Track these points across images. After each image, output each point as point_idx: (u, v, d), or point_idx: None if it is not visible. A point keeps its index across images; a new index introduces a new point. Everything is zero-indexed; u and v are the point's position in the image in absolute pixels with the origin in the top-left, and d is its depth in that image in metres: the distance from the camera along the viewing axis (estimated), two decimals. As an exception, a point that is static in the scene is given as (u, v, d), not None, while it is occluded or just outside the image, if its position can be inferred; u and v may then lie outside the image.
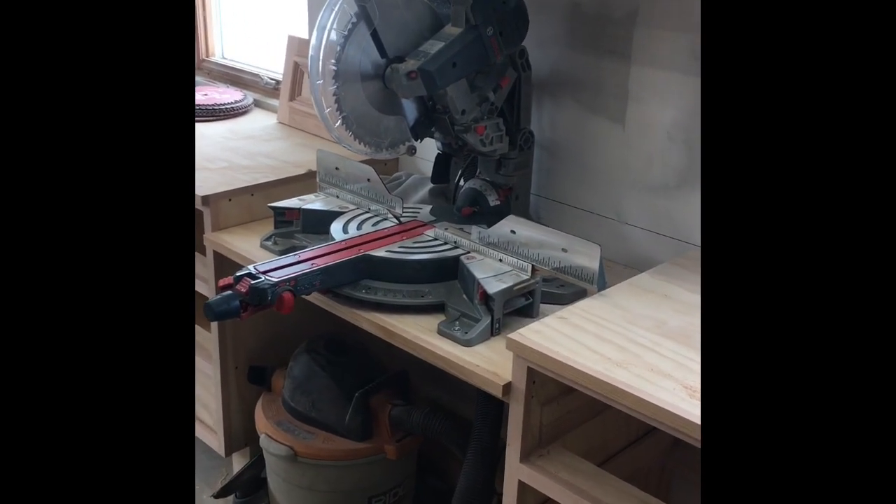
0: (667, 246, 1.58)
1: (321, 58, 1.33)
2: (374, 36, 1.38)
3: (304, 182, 1.80)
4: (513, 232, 1.40)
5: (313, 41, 1.34)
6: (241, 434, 1.91)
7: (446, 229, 1.53)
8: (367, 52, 1.38)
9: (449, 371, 1.31)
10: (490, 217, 1.63)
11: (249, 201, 1.75)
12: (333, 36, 1.35)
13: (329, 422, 1.72)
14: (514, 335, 1.19)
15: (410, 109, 1.49)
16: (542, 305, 1.42)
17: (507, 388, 1.23)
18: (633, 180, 1.60)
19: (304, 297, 1.39)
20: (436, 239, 1.52)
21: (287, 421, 1.75)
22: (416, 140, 1.52)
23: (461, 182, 1.71)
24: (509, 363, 1.22)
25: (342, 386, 1.71)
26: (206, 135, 2.08)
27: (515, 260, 1.40)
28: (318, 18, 1.35)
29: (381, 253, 1.44)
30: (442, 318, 1.38)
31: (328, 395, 1.72)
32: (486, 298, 1.33)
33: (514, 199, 1.68)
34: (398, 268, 1.43)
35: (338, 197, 1.70)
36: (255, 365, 1.85)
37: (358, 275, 1.43)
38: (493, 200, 1.65)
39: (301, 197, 1.71)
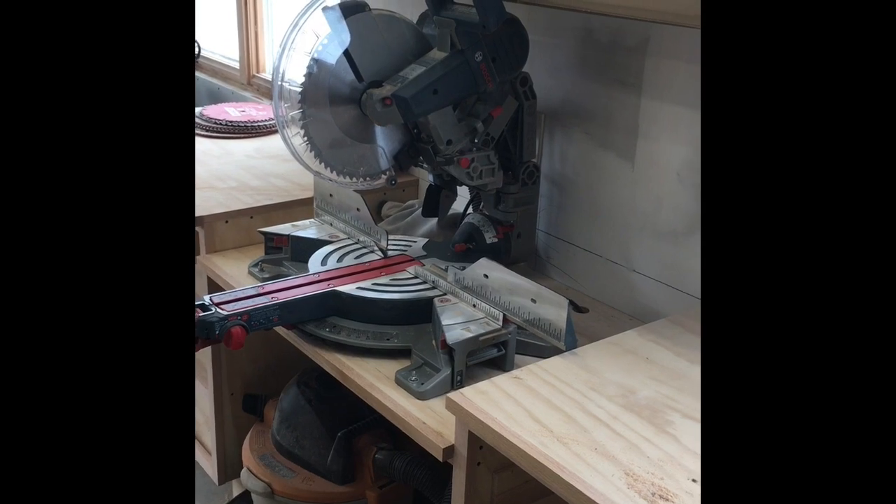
0: (674, 298, 1.42)
1: (282, 80, 1.25)
2: (348, 58, 1.29)
3: (308, 206, 1.73)
4: (485, 276, 1.28)
5: (276, 60, 1.27)
6: (236, 463, 1.85)
7: (429, 266, 1.42)
8: (339, 74, 1.29)
9: (396, 424, 1.20)
10: (485, 256, 1.51)
11: (248, 224, 1.69)
12: (299, 56, 1.27)
13: (311, 461, 1.63)
14: (454, 395, 1.07)
15: (394, 137, 1.39)
16: (522, 356, 1.29)
17: (450, 451, 1.11)
18: (641, 224, 1.45)
19: (273, 329, 1.32)
20: (415, 277, 1.41)
21: (271, 455, 1.68)
22: (401, 170, 1.42)
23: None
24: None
25: (327, 424, 1.62)
26: (231, 151, 2.05)
27: (488, 307, 1.28)
28: (284, 36, 1.27)
29: (349, 289, 1.35)
30: (408, 363, 1.28)
31: (312, 433, 1.63)
32: (448, 348, 1.21)
33: (516, 238, 1.56)
34: (366, 307, 1.33)
35: (331, 225, 1.62)
36: (250, 393, 1.79)
37: (325, 311, 1.34)
38: (490, 237, 1.53)
39: (296, 223, 1.63)
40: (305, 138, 1.30)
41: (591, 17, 1.44)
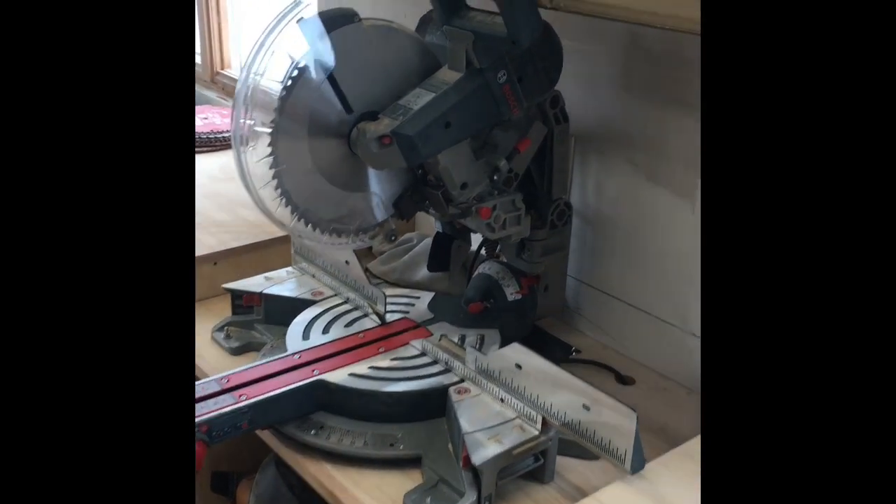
0: (747, 374, 1.13)
1: (245, 116, 0.94)
2: (333, 84, 0.98)
3: (286, 245, 1.42)
4: (518, 367, 0.99)
5: (239, 86, 0.95)
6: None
7: (441, 339, 1.13)
8: (321, 102, 0.98)
9: (408, 575, 0.91)
10: (507, 316, 1.22)
11: (211, 273, 1.38)
12: (267, 83, 0.96)
13: (295, 561, 1.34)
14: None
15: (393, 179, 1.09)
16: (564, 459, 1.00)
17: None
18: (703, 279, 1.16)
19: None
20: (423, 354, 1.12)
21: (247, 551, 1.39)
22: (403, 219, 1.12)
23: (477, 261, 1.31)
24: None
25: (315, 516, 1.33)
26: (192, 172, 1.73)
27: (522, 405, 0.99)
28: (247, 56, 0.96)
29: (340, 378, 1.05)
30: (417, 474, 0.99)
31: (296, 527, 1.34)
32: (473, 467, 0.92)
33: (543, 291, 1.26)
34: (362, 401, 1.04)
35: (314, 276, 1.32)
36: (219, 471, 1.49)
37: (309, 406, 1.05)
38: (511, 293, 1.23)
39: (269, 274, 1.33)
40: (278, 189, 0.99)
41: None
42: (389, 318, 1.21)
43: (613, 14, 0.85)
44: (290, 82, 0.95)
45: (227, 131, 1.88)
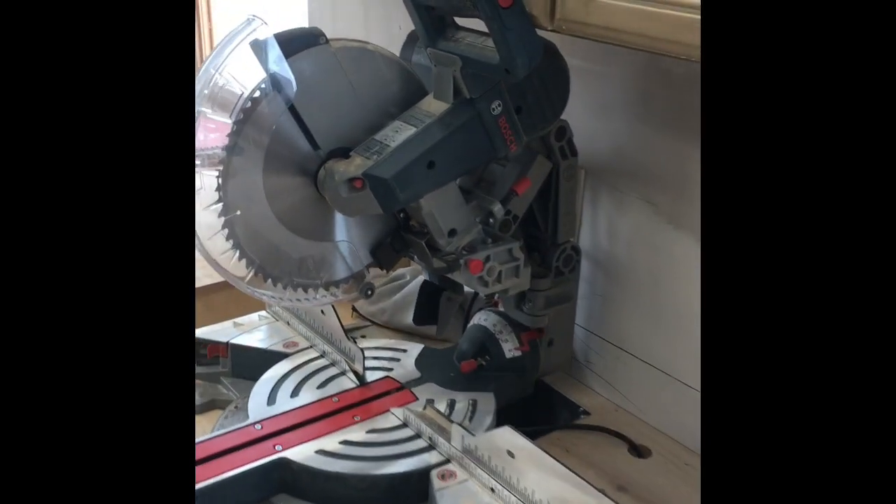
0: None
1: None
2: (295, 116, 0.83)
3: (262, 283, 1.28)
4: (510, 454, 0.84)
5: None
6: None
7: (426, 407, 0.98)
8: (279, 140, 0.83)
9: None
10: (504, 376, 1.07)
11: (176, 315, 1.24)
12: (217, 116, 0.81)
13: None
14: None
15: (370, 225, 0.94)
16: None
17: None
18: (731, 339, 1.00)
19: None
20: (405, 426, 0.96)
21: None
22: (383, 269, 0.96)
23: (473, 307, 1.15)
24: None
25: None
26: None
27: (515, 499, 0.83)
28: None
29: (305, 455, 0.90)
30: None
31: None
32: (455, 577, 0.77)
33: (547, 346, 1.11)
34: (329, 485, 0.89)
35: (288, 324, 1.17)
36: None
37: (269, 489, 0.90)
38: (510, 349, 1.08)
39: (239, 320, 1.18)
40: (230, 239, 0.84)
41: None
42: (370, 375, 1.06)
43: (626, 41, 0.69)
44: (241, 116, 0.80)
45: (212, 148, 1.73)
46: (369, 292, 0.94)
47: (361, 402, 1.00)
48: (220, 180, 0.81)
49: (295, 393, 1.02)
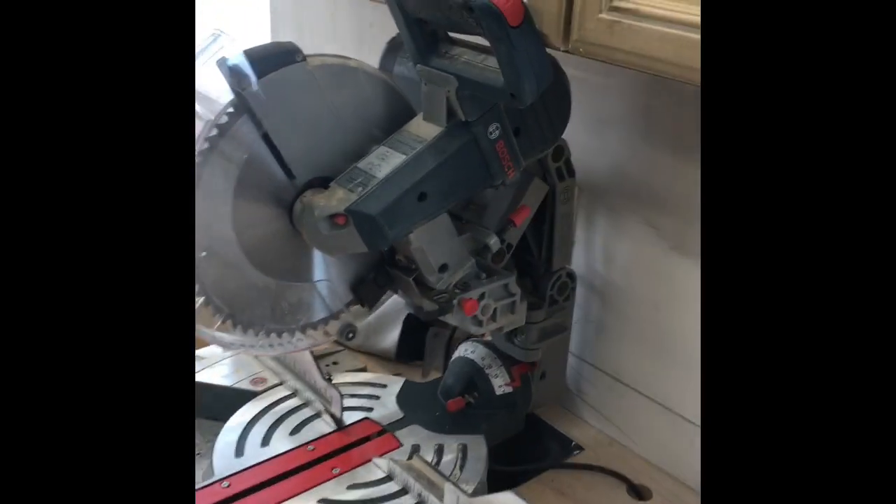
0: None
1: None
2: (267, 143, 0.72)
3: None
4: (514, 522, 0.75)
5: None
6: None
7: (412, 457, 0.89)
8: (249, 169, 0.73)
9: None
10: (494, 416, 0.98)
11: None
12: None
13: None
14: None
15: (350, 260, 0.84)
16: None
17: None
18: (741, 376, 0.92)
19: None
20: (389, 478, 0.87)
21: None
22: (365, 306, 0.86)
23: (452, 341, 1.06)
24: None
25: None
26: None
27: (518, 569, 0.75)
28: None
29: (281, 521, 0.81)
30: None
31: None
32: None
33: (539, 380, 1.03)
34: (309, 553, 0.80)
35: (257, 358, 1.07)
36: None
37: (240, 556, 0.81)
38: (500, 385, 0.99)
39: (201, 352, 1.08)
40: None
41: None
42: (348, 416, 0.96)
43: (658, 70, 0.60)
44: (206, 145, 0.69)
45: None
46: (350, 335, 0.84)
47: (340, 451, 0.91)
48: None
49: (265, 441, 0.92)
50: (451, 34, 0.76)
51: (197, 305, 0.74)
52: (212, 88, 0.71)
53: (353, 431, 0.94)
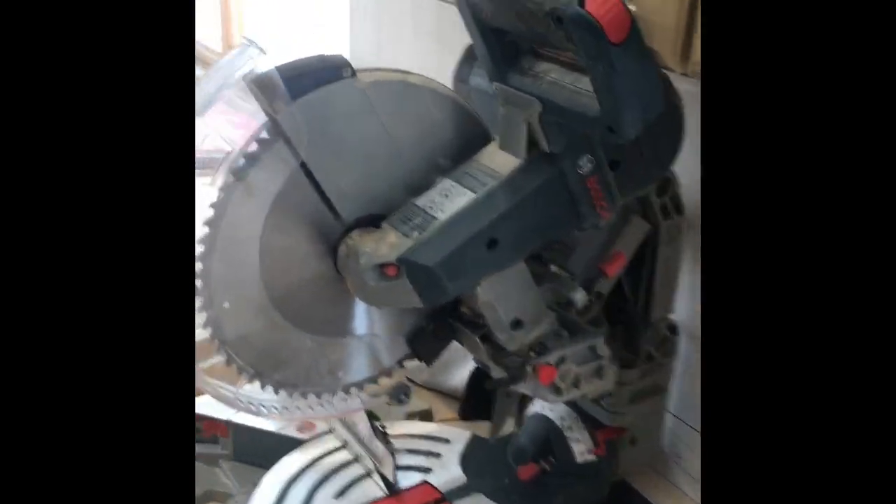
0: None
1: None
2: (307, 174, 0.60)
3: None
4: None
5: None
6: None
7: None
8: (283, 206, 0.60)
9: None
10: (573, 486, 0.84)
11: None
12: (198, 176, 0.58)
13: None
14: None
15: (404, 310, 0.70)
16: None
17: None
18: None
19: None
20: (447, 564, 0.74)
21: None
22: (423, 361, 0.73)
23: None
24: None
25: None
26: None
27: None
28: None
29: None
30: None
31: None
32: None
33: (628, 445, 0.88)
34: None
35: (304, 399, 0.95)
36: None
37: None
38: (582, 452, 0.85)
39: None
40: (214, 339, 0.62)
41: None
42: (403, 477, 0.84)
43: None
44: (230, 178, 0.57)
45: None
46: (403, 397, 0.71)
47: (391, 521, 0.79)
48: (202, 263, 0.59)
49: (309, 499, 0.81)
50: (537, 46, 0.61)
51: (216, 362, 0.62)
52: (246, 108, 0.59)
53: (408, 498, 0.82)
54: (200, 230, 0.58)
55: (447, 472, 0.85)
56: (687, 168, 0.76)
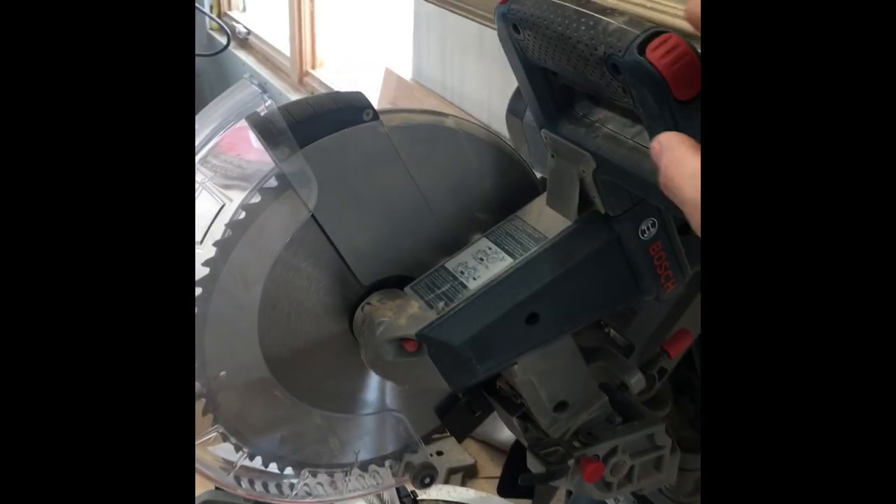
0: None
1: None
2: (319, 226, 0.52)
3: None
4: None
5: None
6: None
7: None
8: (289, 267, 0.52)
9: None
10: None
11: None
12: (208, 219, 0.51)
13: None
14: None
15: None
16: None
17: None
18: None
19: None
20: None
21: None
22: (454, 435, 0.64)
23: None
24: None
25: None
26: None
27: None
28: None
29: None
30: None
31: None
32: None
33: (691, 536, 0.77)
34: None
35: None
36: None
37: None
38: (637, 542, 0.74)
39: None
40: (206, 413, 0.54)
41: None
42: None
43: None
44: (228, 233, 0.49)
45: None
46: (427, 480, 0.62)
47: None
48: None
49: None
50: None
51: (208, 439, 0.54)
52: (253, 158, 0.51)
53: (434, 581, 0.73)
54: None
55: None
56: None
